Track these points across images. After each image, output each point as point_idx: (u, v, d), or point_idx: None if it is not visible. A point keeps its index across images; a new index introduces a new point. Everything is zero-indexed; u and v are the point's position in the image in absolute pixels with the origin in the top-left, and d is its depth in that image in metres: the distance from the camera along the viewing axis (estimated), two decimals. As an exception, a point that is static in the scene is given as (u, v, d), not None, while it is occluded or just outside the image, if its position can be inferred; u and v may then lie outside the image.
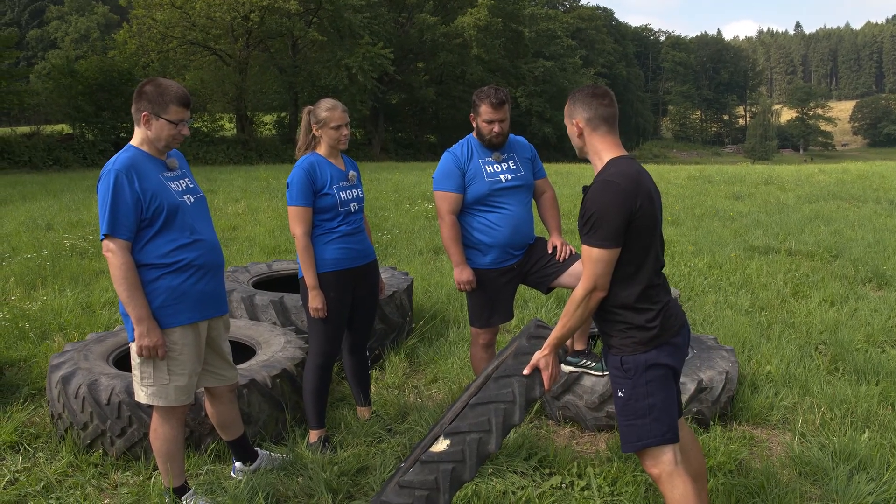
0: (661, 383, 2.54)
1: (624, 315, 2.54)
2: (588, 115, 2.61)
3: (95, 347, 4.02)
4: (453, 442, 2.56)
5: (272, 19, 33.89)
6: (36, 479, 3.36)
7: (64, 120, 29.77)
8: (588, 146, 2.64)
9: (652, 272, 2.55)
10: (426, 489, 2.56)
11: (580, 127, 2.62)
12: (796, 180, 16.66)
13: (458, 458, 2.56)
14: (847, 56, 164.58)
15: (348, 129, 3.68)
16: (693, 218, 11.46)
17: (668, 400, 2.55)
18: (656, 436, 2.51)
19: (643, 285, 2.53)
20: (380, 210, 12.13)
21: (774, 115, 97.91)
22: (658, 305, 2.55)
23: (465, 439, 2.55)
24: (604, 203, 2.43)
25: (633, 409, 2.53)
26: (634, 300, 2.52)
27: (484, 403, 2.58)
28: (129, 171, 2.84)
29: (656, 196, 2.57)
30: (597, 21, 74.62)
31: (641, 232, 2.48)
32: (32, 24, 71.41)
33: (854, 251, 8.40)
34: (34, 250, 8.35)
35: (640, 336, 2.53)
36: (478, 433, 2.56)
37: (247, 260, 8.07)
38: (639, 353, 2.53)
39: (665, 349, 2.55)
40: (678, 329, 2.60)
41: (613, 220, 2.42)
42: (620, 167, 2.51)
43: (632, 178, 2.48)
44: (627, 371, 2.54)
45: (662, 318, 2.54)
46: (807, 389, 4.40)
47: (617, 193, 2.43)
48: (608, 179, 2.47)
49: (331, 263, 3.62)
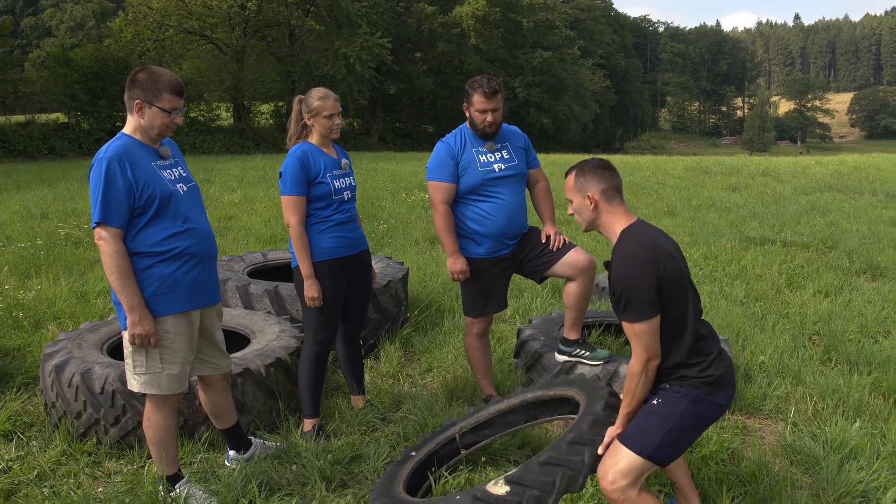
0: (694, 421, 2.53)
1: (679, 371, 2.57)
2: (603, 187, 2.62)
3: (89, 336, 4.02)
4: (513, 491, 2.56)
5: (269, 8, 33.76)
6: (29, 468, 3.36)
7: (59, 109, 29.63)
8: (601, 218, 2.65)
9: (696, 325, 2.56)
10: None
11: (595, 199, 2.62)
12: (793, 172, 16.67)
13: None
14: (845, 48, 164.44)
15: (340, 118, 3.66)
16: (690, 209, 11.47)
17: (685, 437, 2.54)
18: (654, 456, 2.49)
19: (691, 340, 2.54)
20: (376, 200, 12.12)
21: (772, 106, 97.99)
22: (711, 356, 2.57)
23: (525, 493, 2.55)
24: (630, 279, 2.46)
25: (656, 420, 2.52)
26: (687, 357, 2.54)
27: (553, 465, 2.58)
28: (121, 159, 2.83)
29: (676, 252, 2.57)
30: (595, 11, 74.44)
31: (673, 292, 2.50)
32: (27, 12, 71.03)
33: (849, 243, 8.42)
34: (28, 239, 8.33)
35: (696, 382, 2.54)
36: (540, 491, 2.56)
37: (242, 249, 8.06)
38: (694, 391, 2.54)
39: (717, 398, 2.55)
40: (731, 380, 2.61)
41: (644, 292, 2.44)
42: (634, 237, 2.54)
43: (649, 246, 2.50)
44: (676, 393, 2.55)
45: (716, 367, 2.56)
46: (800, 379, 4.42)
47: (639, 266, 2.46)
48: (627, 254, 2.50)
49: (326, 252, 3.61)
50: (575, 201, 2.68)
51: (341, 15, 35.57)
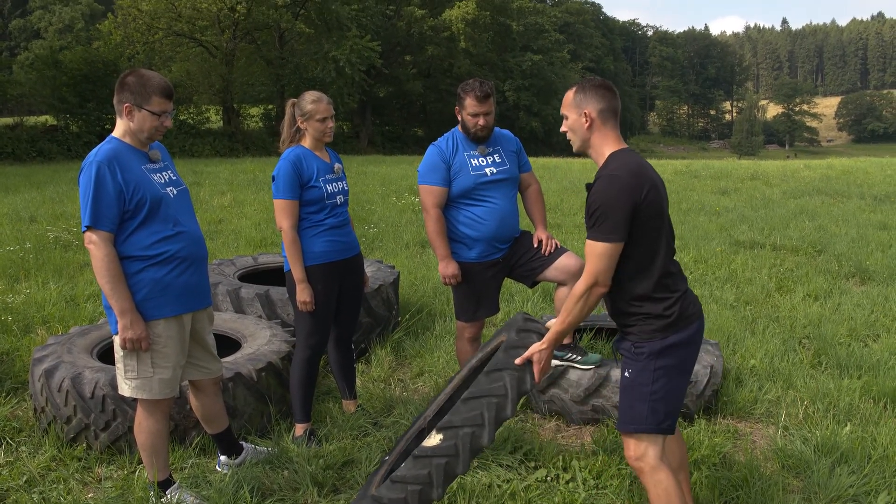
0: (669, 372, 2.52)
1: (643, 306, 2.53)
2: (601, 107, 2.58)
3: (79, 340, 3.99)
4: (446, 436, 2.56)
5: (259, 11, 33.64)
6: (18, 473, 3.33)
7: (48, 111, 29.43)
8: (593, 139, 2.61)
9: (666, 260, 2.54)
10: (419, 483, 2.56)
11: (591, 118, 2.58)
12: (782, 176, 16.76)
13: (451, 452, 2.55)
14: (833, 52, 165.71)
15: (333, 121, 3.66)
16: (679, 212, 11.51)
17: (672, 390, 2.54)
18: (651, 423, 2.51)
19: (659, 274, 2.52)
20: (366, 203, 12.10)
21: (761, 110, 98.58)
22: (676, 294, 2.55)
23: (458, 433, 2.55)
24: (608, 197, 2.43)
25: (635, 392, 2.53)
26: (652, 290, 2.52)
27: (476, 398, 2.58)
28: (111, 163, 2.82)
29: (661, 185, 2.56)
30: (585, 15, 74.69)
31: (650, 222, 2.48)
32: (15, 14, 70.50)
33: (838, 246, 8.47)
34: (17, 242, 8.27)
35: (657, 324, 2.52)
36: (470, 427, 2.55)
37: (232, 253, 8.03)
38: (655, 339, 2.52)
39: (680, 337, 2.53)
40: (695, 318, 2.59)
41: (618, 213, 2.41)
42: (622, 160, 2.52)
43: (634, 171, 2.47)
44: (640, 354, 2.53)
45: (681, 305, 2.54)
46: (790, 383, 4.44)
47: (621, 187, 2.43)
48: (612, 174, 2.47)
49: (318, 256, 3.61)
50: (570, 117, 2.65)
51: (331, 18, 35.52)
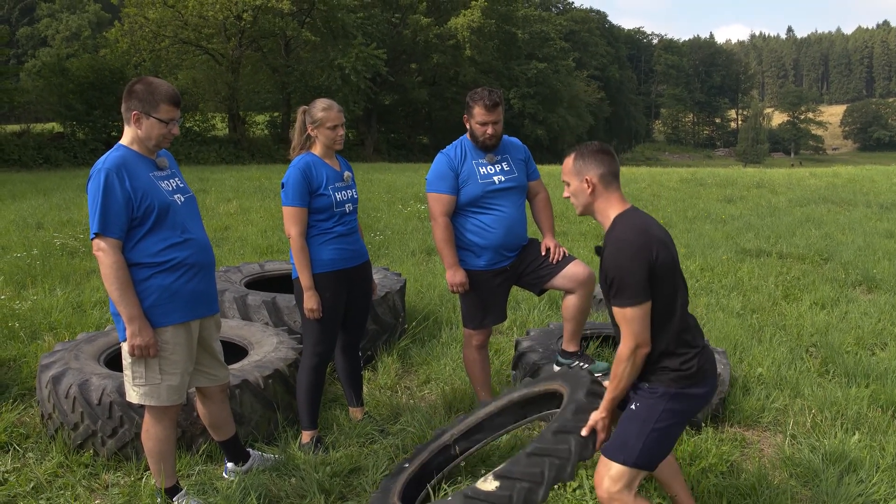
0: (675, 418, 2.54)
1: (662, 360, 2.55)
2: (602, 172, 2.61)
3: (86, 347, 4.00)
4: (503, 486, 2.56)
5: (265, 19, 33.77)
6: (26, 480, 3.34)
7: (54, 118, 29.58)
8: (597, 203, 2.64)
9: (683, 315, 2.56)
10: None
11: (593, 183, 2.61)
12: (787, 184, 16.73)
13: (504, 502, 2.55)
14: (838, 60, 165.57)
15: (344, 129, 3.67)
16: (685, 220, 11.50)
17: (670, 436, 2.55)
18: (638, 463, 2.50)
19: (677, 329, 2.54)
20: (372, 211, 12.12)
21: (766, 118, 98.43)
22: (696, 349, 2.56)
23: (515, 486, 2.55)
24: (622, 264, 2.45)
25: (636, 426, 2.52)
26: (672, 346, 2.54)
27: (540, 455, 2.58)
28: (119, 170, 2.83)
29: (668, 240, 2.57)
30: (590, 23, 74.86)
31: (664, 280, 2.50)
32: (23, 22, 70.98)
33: (844, 254, 8.45)
34: (24, 249, 8.30)
35: (674, 375, 2.54)
36: (528, 482, 2.55)
37: (239, 260, 8.05)
38: (672, 388, 2.54)
39: (696, 392, 2.55)
40: (712, 374, 2.60)
41: (636, 276, 2.43)
42: (628, 222, 2.54)
43: (642, 231, 2.50)
44: (653, 393, 2.55)
45: (699, 360, 2.56)
46: (798, 391, 4.42)
47: (633, 251, 2.45)
48: (620, 238, 2.50)
49: (326, 264, 3.61)
50: (572, 184, 2.67)
51: (337, 26, 35.63)
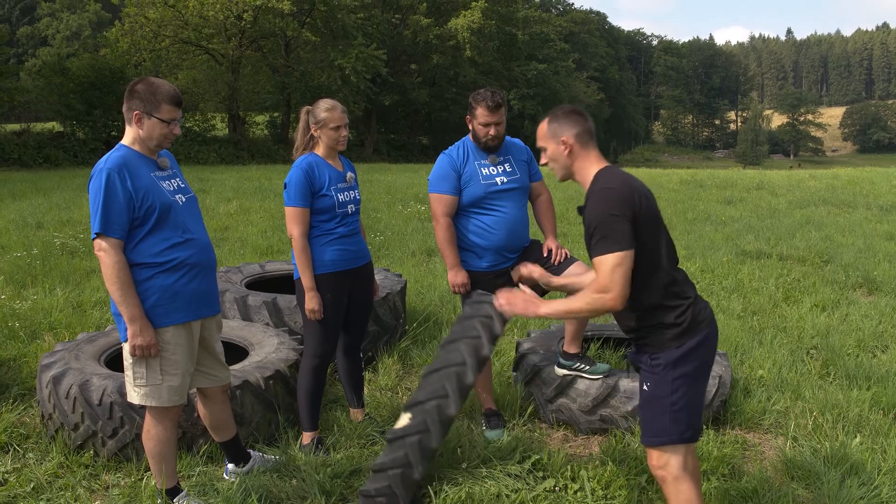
0: (688, 380, 2.52)
1: (655, 316, 2.53)
2: (577, 131, 2.61)
3: (87, 347, 4.00)
4: (414, 414, 2.59)
5: (265, 19, 33.78)
6: (26, 480, 3.33)
7: (55, 118, 29.58)
8: (576, 164, 2.63)
9: (669, 267, 2.55)
10: (399, 466, 2.59)
11: (570, 144, 2.60)
12: (787, 186, 16.74)
13: (422, 428, 2.58)
14: (837, 62, 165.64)
15: (347, 129, 3.66)
16: (685, 222, 11.50)
17: (692, 399, 2.54)
18: (673, 434, 2.51)
19: (665, 282, 2.52)
20: (372, 211, 12.11)
21: (765, 120, 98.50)
22: (687, 300, 2.55)
23: (425, 408, 2.58)
24: (608, 209, 2.43)
25: (656, 404, 2.53)
26: (661, 299, 2.52)
27: (436, 370, 2.61)
28: (120, 170, 2.83)
29: (651, 195, 2.57)
30: (590, 25, 74.86)
31: (648, 231, 2.49)
32: (23, 21, 70.95)
33: (845, 256, 8.45)
34: (24, 249, 8.29)
35: (671, 333, 2.52)
36: (436, 400, 2.57)
37: (239, 260, 8.04)
38: (671, 348, 2.51)
39: (695, 343, 2.52)
40: (708, 323, 2.58)
41: (620, 223, 2.41)
42: (610, 175, 2.54)
43: (625, 182, 2.49)
44: (656, 367, 2.53)
45: (692, 311, 2.54)
46: (799, 394, 4.42)
47: (618, 198, 2.44)
48: (604, 188, 2.48)
49: (328, 265, 3.60)
50: (549, 148, 2.66)
51: (337, 26, 35.62)
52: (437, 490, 3.19)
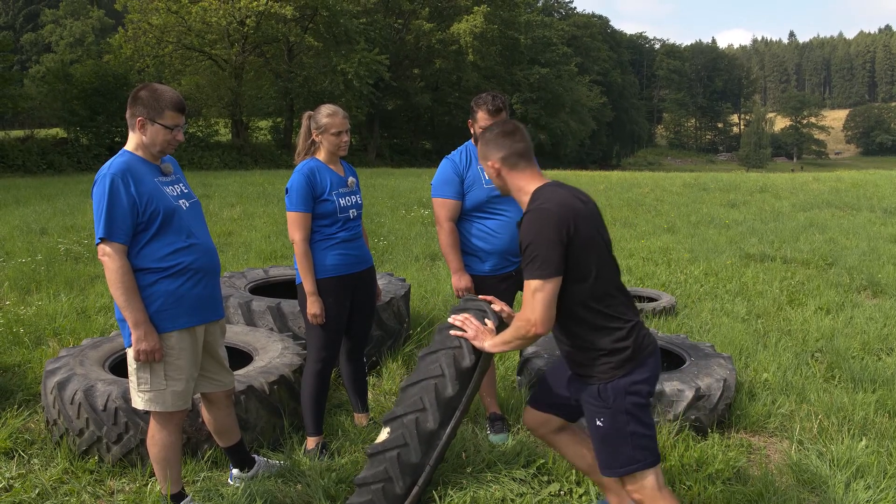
0: (639, 408, 2.49)
1: (591, 341, 2.49)
2: (502, 154, 2.60)
3: (91, 353, 4.00)
4: (392, 428, 2.59)
5: (268, 24, 33.90)
6: (31, 486, 3.33)
7: (58, 124, 29.66)
8: (508, 184, 2.63)
9: (606, 290, 2.49)
10: (380, 481, 2.58)
11: (496, 168, 2.62)
12: (791, 188, 16.72)
13: (400, 442, 2.56)
14: (840, 65, 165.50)
15: (349, 135, 3.66)
16: (689, 225, 11.49)
17: (648, 425, 2.51)
18: (639, 461, 2.48)
19: (601, 304, 2.48)
20: (376, 216, 12.12)
21: (768, 123, 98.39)
22: (627, 324, 2.50)
23: (403, 422, 2.56)
24: (537, 233, 2.40)
25: (615, 438, 2.49)
26: (596, 319, 2.48)
27: (414, 383, 2.60)
28: (124, 175, 2.83)
29: (590, 214, 2.52)
30: (592, 28, 74.89)
31: (583, 254, 2.44)
32: (27, 28, 71.24)
33: (849, 259, 8.43)
34: (28, 255, 8.31)
35: (614, 360, 2.48)
36: (413, 413, 2.56)
37: (243, 265, 8.05)
38: (617, 377, 2.47)
39: (642, 375, 2.49)
40: (652, 351, 2.55)
41: (550, 248, 2.38)
42: (549, 195, 2.50)
43: (562, 203, 2.45)
44: (606, 399, 2.49)
45: (635, 337, 2.49)
46: (804, 397, 4.40)
47: (549, 221, 2.41)
48: (540, 208, 2.45)
49: (330, 269, 3.60)
50: (485, 168, 2.69)
51: (339, 32, 35.73)
52: (442, 494, 3.19)
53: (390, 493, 2.57)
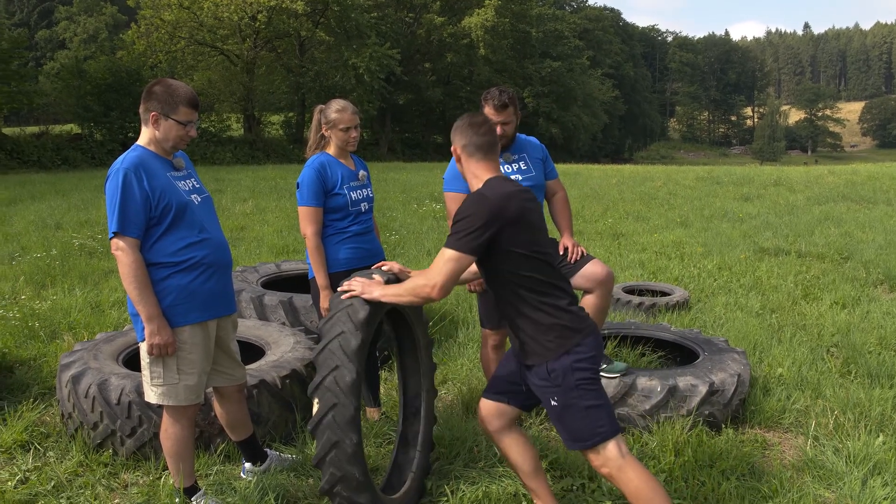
0: (591, 381, 2.60)
1: (532, 318, 2.62)
2: (463, 143, 2.77)
3: (105, 347, 4.02)
4: (318, 393, 2.64)
5: (279, 19, 33.97)
6: (46, 479, 3.36)
7: (72, 120, 29.90)
8: (466, 172, 2.79)
9: (541, 270, 2.62)
10: (330, 448, 2.62)
11: (457, 154, 2.81)
12: (805, 182, 16.58)
13: (330, 404, 2.61)
14: (856, 57, 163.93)
15: (358, 130, 3.65)
16: (702, 219, 11.42)
17: (600, 396, 2.61)
18: (598, 434, 2.57)
19: (538, 282, 2.61)
20: (387, 210, 12.13)
21: (782, 116, 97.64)
22: (561, 301, 2.63)
23: (325, 386, 2.63)
24: (472, 212, 2.55)
25: (571, 413, 2.59)
26: (533, 298, 2.61)
27: (322, 349, 2.68)
28: (137, 170, 2.84)
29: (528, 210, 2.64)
30: (604, 21, 74.55)
31: (519, 236, 2.58)
32: (41, 25, 71.74)
33: (865, 253, 8.35)
34: (43, 249, 8.38)
35: (553, 336, 2.60)
36: (330, 374, 2.62)
37: (255, 260, 8.07)
38: (561, 353, 2.58)
39: (583, 350, 2.60)
40: (591, 330, 2.66)
41: (476, 230, 2.52)
42: (496, 185, 2.64)
43: (504, 195, 2.58)
44: (555, 377, 2.60)
45: (572, 316, 2.62)
46: (819, 392, 4.36)
47: (485, 205, 2.54)
48: (481, 193, 2.61)
49: (342, 263, 3.61)
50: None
51: (351, 26, 35.74)
52: (454, 489, 3.18)
53: (343, 455, 2.61)
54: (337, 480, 2.65)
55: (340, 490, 2.66)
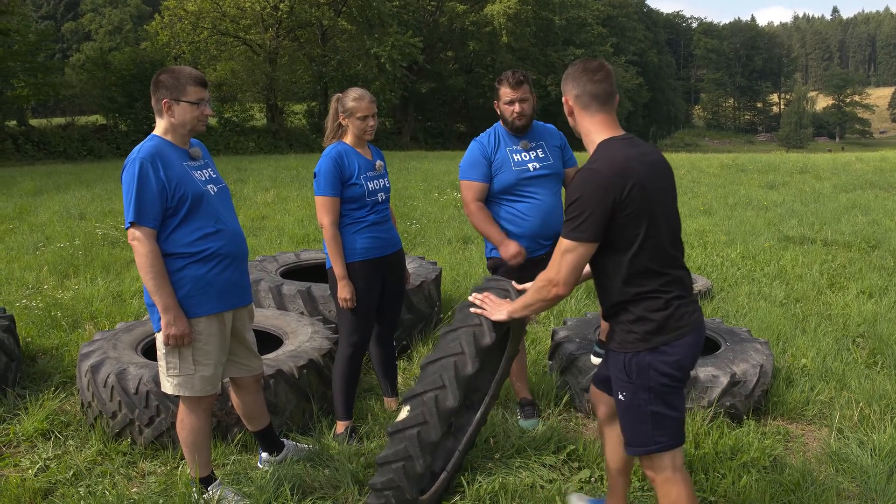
0: (666, 388, 2.36)
1: (626, 307, 2.37)
2: (577, 93, 2.41)
3: (124, 336, 4.05)
4: (412, 406, 2.61)
5: (301, 9, 34.00)
6: (66, 467, 3.39)
7: (98, 111, 30.24)
8: (580, 127, 2.45)
9: (650, 261, 2.34)
10: (401, 459, 2.61)
11: (569, 106, 2.45)
12: (832, 169, 16.29)
13: (420, 420, 2.58)
14: (886, 41, 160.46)
15: (375, 119, 3.62)
16: (726, 207, 11.26)
17: (673, 406, 2.38)
18: (658, 443, 2.38)
19: (641, 275, 2.34)
20: (409, 199, 12.10)
21: (809, 102, 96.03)
22: (664, 296, 2.34)
23: (423, 400, 2.57)
24: (584, 194, 2.27)
25: (634, 414, 2.39)
26: (633, 290, 2.35)
27: (434, 361, 2.60)
28: (153, 159, 2.83)
29: (652, 182, 2.34)
30: (628, 8, 73.62)
31: (631, 220, 2.29)
32: (67, 17, 72.52)
33: (893, 241, 8.18)
34: (67, 239, 8.47)
35: (640, 330, 2.34)
36: (433, 391, 2.57)
37: (276, 249, 8.10)
38: (641, 350, 2.34)
39: (670, 352, 2.34)
40: (687, 332, 2.37)
41: (591, 212, 2.25)
42: (608, 153, 2.33)
43: (618, 166, 2.28)
44: (630, 373, 2.37)
45: (670, 313, 2.34)
46: (844, 384, 4.28)
47: (598, 184, 2.26)
48: (591, 168, 2.31)
49: (360, 253, 3.59)
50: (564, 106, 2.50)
51: (373, 15, 35.68)
52: (470, 480, 3.17)
53: (411, 471, 2.59)
54: (392, 487, 2.66)
55: (389, 496, 2.68)
